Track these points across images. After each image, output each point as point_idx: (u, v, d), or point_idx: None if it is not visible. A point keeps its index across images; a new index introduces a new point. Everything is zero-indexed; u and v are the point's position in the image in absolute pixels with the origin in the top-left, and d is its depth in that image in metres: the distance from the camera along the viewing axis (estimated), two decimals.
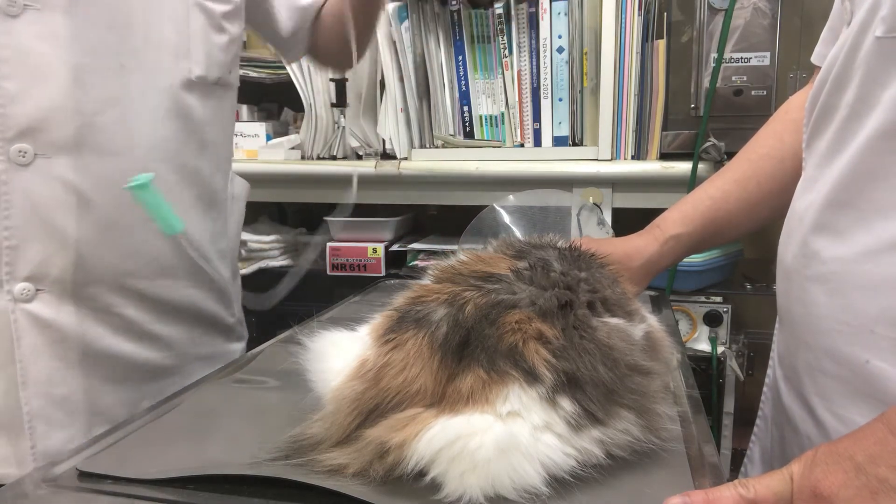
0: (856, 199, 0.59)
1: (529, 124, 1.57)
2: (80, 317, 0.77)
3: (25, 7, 0.70)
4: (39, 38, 0.71)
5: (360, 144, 1.65)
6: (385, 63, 1.60)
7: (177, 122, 0.82)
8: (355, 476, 0.47)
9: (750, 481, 0.45)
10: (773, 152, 0.83)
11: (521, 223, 1.13)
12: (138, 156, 0.78)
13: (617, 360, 0.50)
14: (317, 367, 0.57)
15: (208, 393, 0.67)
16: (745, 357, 1.46)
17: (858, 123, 0.58)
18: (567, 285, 0.54)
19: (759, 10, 1.39)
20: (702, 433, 0.56)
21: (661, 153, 1.48)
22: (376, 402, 0.49)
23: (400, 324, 0.52)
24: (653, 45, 1.46)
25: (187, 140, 0.83)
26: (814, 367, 0.64)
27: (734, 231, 0.89)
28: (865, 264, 0.58)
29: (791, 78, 1.47)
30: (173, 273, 0.84)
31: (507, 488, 0.45)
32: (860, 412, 0.59)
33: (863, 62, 0.58)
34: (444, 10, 1.57)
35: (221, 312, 0.94)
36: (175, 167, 0.82)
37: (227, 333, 0.97)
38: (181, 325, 0.87)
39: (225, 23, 0.86)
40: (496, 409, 0.47)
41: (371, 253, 1.64)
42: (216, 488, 0.48)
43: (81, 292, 0.77)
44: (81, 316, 0.77)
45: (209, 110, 0.86)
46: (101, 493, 0.48)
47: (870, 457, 0.44)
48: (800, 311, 0.66)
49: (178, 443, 0.57)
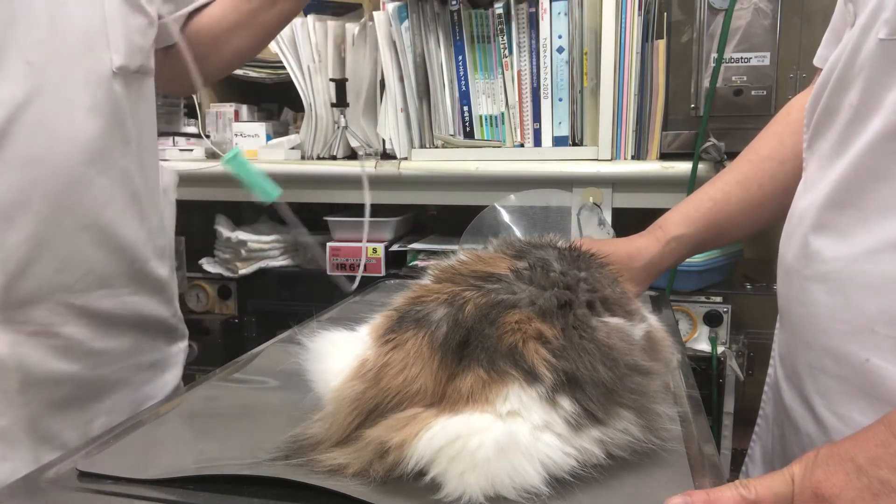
0: (857, 199, 0.59)
1: (529, 124, 1.57)
2: (16, 343, 0.72)
3: None
4: None
5: (360, 144, 1.65)
6: (385, 63, 1.60)
7: (100, 120, 0.75)
8: (355, 476, 0.47)
9: (751, 482, 0.45)
10: (774, 154, 0.83)
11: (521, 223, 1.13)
12: (62, 160, 0.72)
13: (616, 360, 0.50)
14: (317, 367, 0.57)
15: (208, 393, 0.67)
16: (745, 357, 1.46)
17: (861, 125, 0.58)
18: (567, 285, 0.54)
19: (759, 10, 1.39)
20: (702, 433, 0.56)
21: (661, 153, 1.48)
22: (376, 401, 0.49)
23: (400, 324, 0.52)
24: (653, 45, 1.46)
25: (113, 137, 0.77)
26: (814, 366, 0.64)
27: (736, 232, 0.89)
28: (866, 264, 0.58)
29: (791, 78, 1.47)
30: (111, 282, 0.80)
31: (507, 488, 0.45)
32: (861, 411, 0.59)
33: (865, 64, 0.58)
34: (444, 10, 1.57)
35: (164, 313, 0.91)
36: (103, 168, 0.76)
37: (170, 334, 0.94)
38: (125, 335, 0.83)
39: (144, 3, 0.79)
40: (496, 408, 0.47)
41: (371, 253, 1.64)
42: (216, 488, 0.48)
43: (15, 316, 0.71)
44: (18, 342, 0.72)
45: (133, 102, 0.79)
46: (101, 493, 0.48)
47: (871, 459, 0.44)
48: (800, 310, 0.66)
49: (178, 443, 0.57)
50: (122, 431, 0.58)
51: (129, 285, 0.83)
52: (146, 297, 0.87)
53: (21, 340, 0.72)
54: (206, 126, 1.79)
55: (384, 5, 1.60)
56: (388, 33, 1.59)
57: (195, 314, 1.71)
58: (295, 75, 1.66)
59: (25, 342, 0.73)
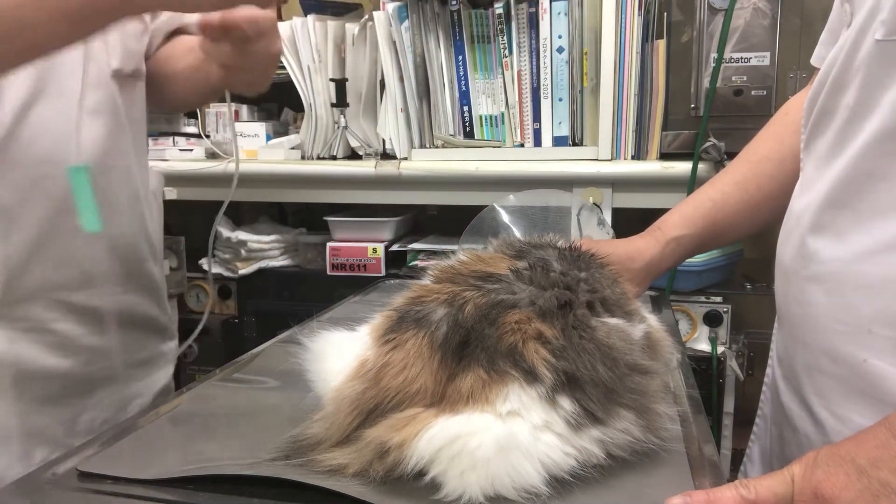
0: (854, 199, 0.59)
1: (529, 124, 1.57)
2: (11, 339, 0.73)
3: None
4: None
5: (360, 144, 1.65)
6: (385, 63, 1.60)
7: (101, 121, 0.77)
8: (355, 476, 0.47)
9: (751, 482, 0.45)
10: (773, 154, 0.83)
11: (520, 223, 1.13)
12: (65, 161, 0.73)
13: (616, 360, 0.50)
14: (316, 367, 0.57)
15: (208, 393, 0.67)
16: (744, 357, 1.46)
17: (858, 125, 0.58)
18: (566, 285, 0.54)
19: (759, 10, 1.39)
20: (702, 433, 0.56)
21: (661, 153, 1.48)
22: (376, 401, 0.49)
23: (400, 324, 0.52)
24: (653, 45, 1.46)
25: (114, 138, 0.79)
26: (812, 366, 0.64)
27: (735, 233, 0.89)
28: (863, 264, 0.58)
29: (791, 78, 1.47)
30: (105, 280, 0.81)
31: (507, 487, 0.45)
32: (858, 411, 0.59)
33: (862, 64, 0.58)
34: (444, 10, 1.57)
35: (155, 312, 0.92)
36: (104, 169, 0.78)
37: (161, 333, 0.95)
38: (117, 332, 0.84)
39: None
40: (496, 408, 0.47)
41: (371, 253, 1.64)
42: (216, 488, 0.48)
43: (11, 313, 0.73)
44: (13, 338, 0.73)
45: (128, 104, 0.82)
46: (101, 493, 0.48)
47: (872, 460, 0.44)
48: (798, 310, 0.66)
49: (178, 443, 0.57)
50: (121, 431, 0.58)
51: (121, 284, 0.84)
52: (139, 296, 0.88)
53: (16, 336, 0.74)
54: (207, 126, 1.79)
55: (384, 5, 1.60)
56: (388, 33, 1.59)
57: (195, 314, 1.71)
58: (295, 75, 1.66)
59: (20, 338, 0.74)
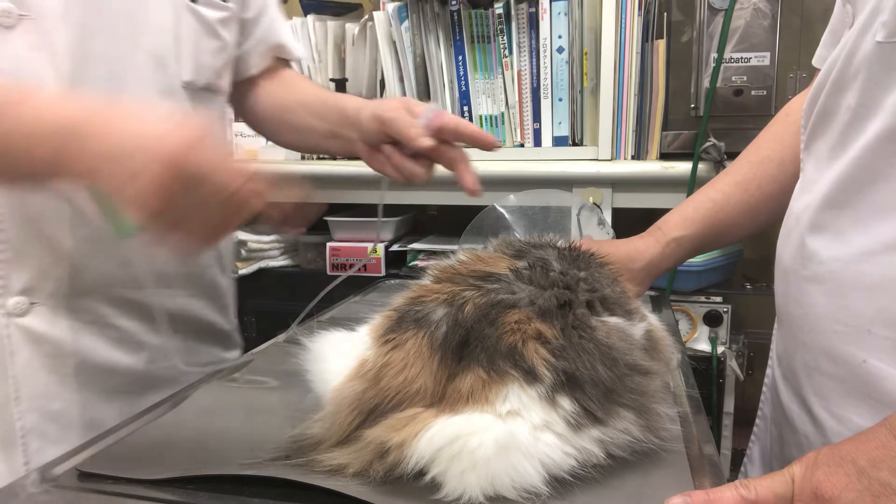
0: (854, 200, 0.59)
1: (529, 124, 1.57)
2: (74, 329, 0.75)
3: (21, 18, 0.68)
4: (34, 48, 0.69)
5: None
6: (385, 63, 1.60)
7: None
8: (355, 476, 0.47)
9: (751, 482, 0.45)
10: (773, 155, 0.83)
11: (520, 223, 1.13)
12: None
13: (616, 360, 0.50)
14: (316, 367, 0.57)
15: (208, 393, 0.67)
16: (744, 357, 1.46)
17: (859, 127, 0.58)
18: (566, 285, 0.54)
19: (759, 11, 1.39)
20: (702, 433, 0.56)
21: (661, 153, 1.48)
22: (376, 401, 0.49)
23: (400, 324, 0.52)
24: (653, 45, 1.46)
25: None
26: (811, 366, 0.64)
27: (736, 233, 0.89)
28: (863, 265, 0.58)
29: (791, 78, 1.47)
30: (170, 281, 0.83)
31: (507, 487, 0.45)
32: (857, 412, 0.59)
33: (863, 66, 0.58)
34: (444, 10, 1.57)
35: (219, 320, 0.93)
36: None
37: (224, 341, 0.96)
38: (178, 334, 0.85)
39: (220, 28, 0.85)
40: (496, 408, 0.47)
41: (371, 253, 1.64)
42: (216, 488, 0.48)
43: (76, 304, 0.75)
44: (76, 328, 0.75)
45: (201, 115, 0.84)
46: (101, 493, 0.48)
47: (872, 461, 0.44)
48: (797, 311, 0.66)
49: (178, 443, 0.57)
50: (122, 431, 0.58)
51: (185, 287, 0.86)
52: (202, 300, 0.89)
53: (79, 328, 0.76)
54: None
55: (384, 5, 1.60)
56: (388, 33, 1.59)
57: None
58: None
59: (83, 329, 0.76)
